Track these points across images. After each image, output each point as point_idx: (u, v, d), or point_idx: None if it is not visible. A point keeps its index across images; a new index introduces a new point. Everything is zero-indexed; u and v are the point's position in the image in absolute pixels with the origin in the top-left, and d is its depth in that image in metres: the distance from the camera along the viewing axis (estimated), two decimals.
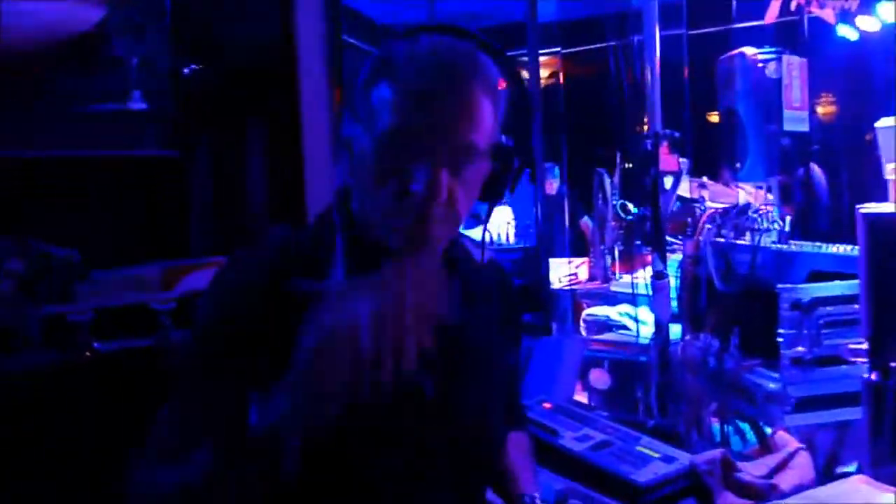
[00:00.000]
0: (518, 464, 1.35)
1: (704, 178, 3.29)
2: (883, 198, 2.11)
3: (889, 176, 1.78)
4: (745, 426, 2.76)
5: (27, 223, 1.54)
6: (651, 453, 1.72)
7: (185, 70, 2.34)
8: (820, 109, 5.42)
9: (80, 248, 1.53)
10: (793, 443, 1.69)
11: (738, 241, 2.38)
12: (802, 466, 1.63)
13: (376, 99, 0.98)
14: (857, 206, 1.75)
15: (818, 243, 2.30)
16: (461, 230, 1.09)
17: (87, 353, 1.45)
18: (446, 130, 0.95)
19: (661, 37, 2.84)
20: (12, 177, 1.54)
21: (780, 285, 2.16)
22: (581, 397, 3.45)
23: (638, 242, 3.79)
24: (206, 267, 1.61)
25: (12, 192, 1.54)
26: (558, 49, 5.60)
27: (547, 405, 2.06)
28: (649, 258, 3.39)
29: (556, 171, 5.38)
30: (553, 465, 1.71)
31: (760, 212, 2.41)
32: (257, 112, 2.18)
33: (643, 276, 3.08)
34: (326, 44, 2.27)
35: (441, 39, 1.01)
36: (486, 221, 1.09)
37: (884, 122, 2.04)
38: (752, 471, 1.60)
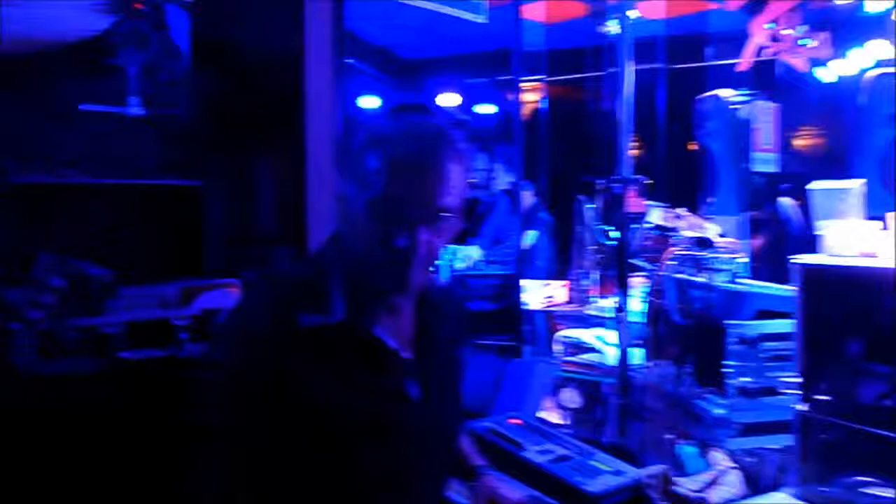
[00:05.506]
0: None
1: (682, 210, 3.43)
2: None
3: (820, 232, 2.00)
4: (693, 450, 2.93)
5: (66, 242, 1.75)
6: (604, 467, 1.95)
7: (207, 88, 2.42)
8: (800, 142, 5.59)
9: (110, 266, 1.74)
10: (725, 461, 1.94)
11: (695, 279, 2.60)
12: (732, 483, 1.87)
13: (367, 167, 1.18)
14: (790, 257, 1.98)
15: (765, 283, 2.52)
16: None
17: (114, 361, 1.67)
18: (425, 198, 1.17)
19: (643, 70, 2.84)
20: (55, 200, 1.75)
21: (728, 321, 2.37)
22: (556, 415, 3.65)
23: (611, 270, 3.96)
24: (218, 288, 1.83)
25: (53, 214, 1.76)
26: (543, 77, 5.82)
27: (515, 421, 2.29)
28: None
29: (530, 187, 5.52)
30: (517, 474, 1.93)
31: (719, 251, 2.62)
32: (268, 141, 2.38)
33: (613, 303, 3.28)
34: (333, 70, 2.44)
35: (417, 119, 1.23)
36: (450, 259, 1.36)
37: (816, 185, 2.27)
38: (687, 485, 1.84)
